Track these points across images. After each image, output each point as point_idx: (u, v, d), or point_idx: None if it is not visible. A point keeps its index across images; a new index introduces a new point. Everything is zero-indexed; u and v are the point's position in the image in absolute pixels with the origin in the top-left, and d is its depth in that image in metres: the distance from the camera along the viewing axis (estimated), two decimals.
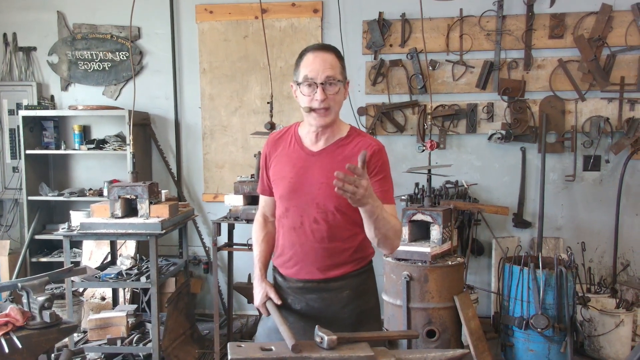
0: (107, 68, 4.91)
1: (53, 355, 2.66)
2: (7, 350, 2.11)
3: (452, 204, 3.90)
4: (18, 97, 4.92)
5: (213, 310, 3.84)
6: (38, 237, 4.75)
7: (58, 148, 4.82)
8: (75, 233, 3.59)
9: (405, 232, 3.47)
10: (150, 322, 3.64)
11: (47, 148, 4.84)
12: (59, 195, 4.71)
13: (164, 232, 3.56)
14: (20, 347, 2.14)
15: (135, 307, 4.02)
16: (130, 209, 3.69)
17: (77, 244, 4.61)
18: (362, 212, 1.76)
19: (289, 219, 2.02)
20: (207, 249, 4.87)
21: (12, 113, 4.93)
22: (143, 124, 4.78)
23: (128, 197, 3.63)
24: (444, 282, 3.29)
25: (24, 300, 2.34)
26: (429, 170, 3.84)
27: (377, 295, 2.14)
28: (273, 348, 1.65)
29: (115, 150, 4.66)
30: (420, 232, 3.54)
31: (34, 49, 4.98)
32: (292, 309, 2.05)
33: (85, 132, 4.90)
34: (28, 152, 4.67)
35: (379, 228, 1.80)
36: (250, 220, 3.68)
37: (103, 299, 4.42)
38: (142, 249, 4.42)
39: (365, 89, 4.59)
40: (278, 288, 2.09)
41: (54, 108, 4.92)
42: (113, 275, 3.67)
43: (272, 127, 3.89)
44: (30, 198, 4.70)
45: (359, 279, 2.04)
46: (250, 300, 4.36)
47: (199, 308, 4.92)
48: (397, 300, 3.33)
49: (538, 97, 4.42)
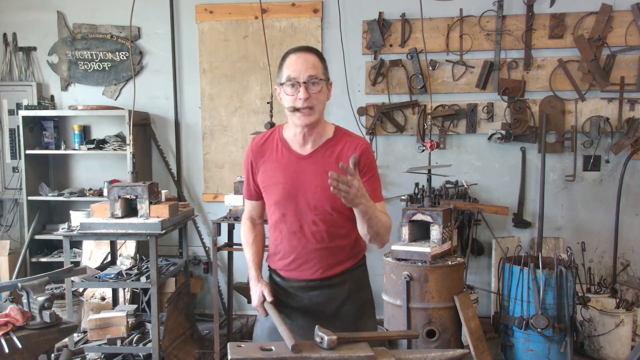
0: (107, 68, 4.91)
1: (53, 355, 2.66)
2: (7, 351, 2.11)
3: (452, 204, 3.90)
4: (18, 97, 4.92)
5: (213, 310, 3.84)
6: (38, 237, 4.75)
7: (58, 148, 4.82)
8: (75, 233, 3.59)
9: (405, 232, 3.47)
10: (150, 322, 3.64)
11: (47, 148, 4.84)
12: (59, 195, 4.71)
13: (164, 232, 3.56)
14: (20, 347, 2.14)
15: (135, 307, 4.01)
16: (130, 209, 3.69)
17: (77, 244, 4.61)
18: (355, 212, 1.81)
19: (287, 224, 2.03)
20: (207, 249, 4.87)
21: (12, 113, 4.93)
22: (143, 124, 4.78)
23: (128, 197, 3.63)
24: (444, 282, 3.29)
25: (24, 300, 2.34)
26: (429, 170, 3.85)
27: (371, 288, 2.19)
28: (273, 348, 1.65)
29: (115, 150, 4.66)
30: (420, 232, 3.55)
31: (34, 49, 4.98)
32: (294, 307, 2.07)
33: (85, 132, 4.90)
34: (28, 152, 4.67)
35: (372, 226, 1.85)
36: None
37: (103, 299, 4.42)
38: (142, 249, 4.42)
39: (365, 89, 4.59)
40: (277, 287, 2.10)
41: (54, 108, 4.92)
42: (113, 275, 3.67)
43: (272, 127, 3.88)
44: (30, 198, 4.70)
45: (358, 272, 2.09)
46: (250, 300, 4.36)
47: (199, 308, 4.92)
48: (397, 300, 3.33)
49: (538, 97, 4.42)
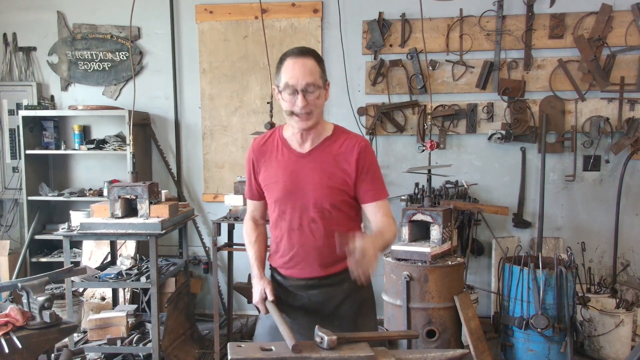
0: (107, 68, 4.91)
1: (53, 356, 2.66)
2: (7, 351, 2.11)
3: (452, 204, 3.90)
4: (18, 97, 4.92)
5: (213, 311, 3.84)
6: (38, 237, 4.75)
7: (58, 148, 4.82)
8: (75, 233, 3.59)
9: (405, 232, 3.47)
10: (150, 322, 3.64)
11: (47, 148, 4.84)
12: (59, 195, 4.71)
13: (164, 232, 3.56)
14: (20, 347, 2.14)
15: (135, 307, 4.02)
16: (130, 209, 3.69)
17: (77, 244, 4.61)
18: None
19: (287, 222, 2.05)
20: (207, 249, 4.87)
21: (12, 113, 4.93)
22: (143, 124, 4.78)
23: (128, 197, 3.63)
24: (444, 282, 3.29)
25: (24, 300, 2.34)
26: (429, 170, 3.85)
27: (372, 288, 2.18)
28: (273, 348, 1.65)
29: (115, 150, 4.66)
30: (420, 232, 3.54)
31: (34, 49, 4.98)
32: (294, 306, 2.09)
33: (85, 132, 4.90)
34: (28, 152, 4.67)
35: (385, 247, 2.00)
36: None
37: (103, 299, 4.42)
38: (142, 249, 4.42)
39: (365, 89, 4.59)
40: (278, 286, 2.11)
41: (54, 108, 4.92)
42: (113, 276, 3.67)
43: (272, 127, 3.89)
44: (30, 198, 4.70)
45: None
46: (250, 300, 4.35)
47: (199, 308, 4.92)
48: (397, 300, 3.33)
49: (538, 97, 4.42)
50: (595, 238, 4.45)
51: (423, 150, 4.05)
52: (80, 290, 4.28)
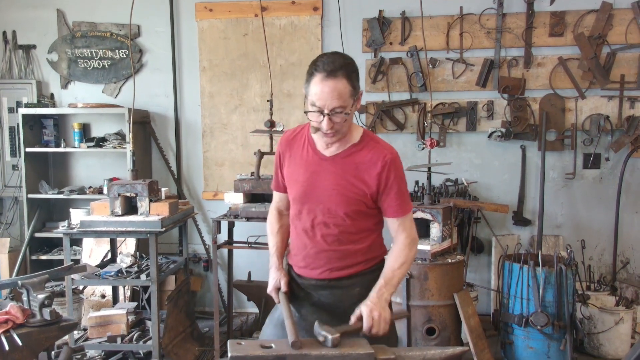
0: (106, 66, 4.91)
1: (53, 353, 2.67)
2: (7, 348, 2.11)
3: (452, 202, 3.90)
4: (18, 95, 4.92)
5: (213, 308, 3.85)
6: (38, 235, 4.76)
7: (58, 146, 4.81)
8: (75, 231, 3.59)
9: None
10: (150, 319, 3.64)
11: (46, 146, 4.84)
12: (59, 193, 4.71)
13: (164, 230, 3.57)
14: (21, 344, 2.15)
15: (135, 304, 4.02)
16: (130, 207, 3.70)
17: (77, 242, 4.61)
18: None
19: (301, 222, 2.06)
20: (207, 247, 4.88)
21: (11, 111, 4.93)
22: (143, 122, 4.78)
23: (128, 195, 3.63)
24: (444, 280, 3.30)
25: (24, 298, 2.35)
26: (429, 168, 3.84)
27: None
28: (273, 346, 1.65)
29: (115, 149, 4.66)
30: (420, 229, 3.52)
31: (34, 47, 4.97)
32: (304, 303, 2.09)
33: (85, 130, 4.90)
34: (28, 150, 4.67)
35: (398, 284, 2.03)
36: (250, 218, 3.69)
37: (103, 297, 4.42)
38: (142, 247, 4.42)
39: (365, 87, 4.59)
40: (292, 282, 2.12)
41: (54, 106, 4.92)
42: (113, 273, 3.67)
43: (272, 125, 3.88)
44: (30, 196, 4.70)
45: (370, 277, 2.04)
46: (250, 298, 4.37)
47: (199, 306, 4.92)
48: (397, 298, 3.33)
49: (538, 95, 4.42)
50: (595, 236, 4.45)
51: (423, 148, 4.04)
52: (81, 288, 4.28)
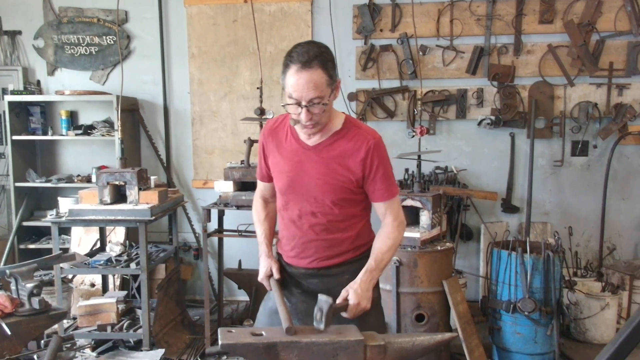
0: (94, 52, 4.84)
1: (43, 342, 2.66)
2: None
3: (441, 190, 3.91)
4: (3, 82, 4.85)
5: (203, 296, 3.85)
6: (26, 223, 4.72)
7: (45, 134, 4.76)
8: (64, 220, 3.56)
9: None
10: (141, 308, 3.64)
11: (34, 134, 4.79)
12: (47, 182, 4.67)
13: (154, 218, 3.55)
14: (9, 334, 2.14)
15: (125, 293, 4.01)
16: (119, 196, 3.67)
17: (65, 231, 4.58)
18: None
19: (289, 212, 2.06)
20: (197, 236, 4.87)
21: None
22: (131, 110, 4.73)
23: (117, 183, 3.60)
24: (433, 267, 3.32)
25: (13, 287, 2.34)
26: (419, 156, 3.85)
27: (378, 284, 2.16)
28: (264, 333, 1.66)
29: (104, 136, 4.62)
30: (410, 217, 3.55)
31: (19, 33, 4.89)
32: (294, 292, 2.11)
33: (73, 117, 4.84)
34: (14, 137, 4.61)
35: (385, 268, 2.02)
36: (241, 207, 3.68)
37: (92, 286, 4.41)
38: (131, 236, 4.40)
39: (356, 75, 4.57)
40: (282, 269, 2.13)
41: (41, 93, 4.85)
42: (102, 262, 3.66)
43: (262, 112, 3.86)
44: (18, 184, 4.66)
45: (359, 265, 2.06)
46: (241, 286, 4.38)
47: (190, 294, 4.92)
48: (386, 285, 3.35)
49: (527, 82, 4.43)
50: (583, 223, 4.50)
51: (413, 136, 4.04)
52: (70, 277, 4.26)
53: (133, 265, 3.62)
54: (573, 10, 4.32)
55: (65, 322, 3.75)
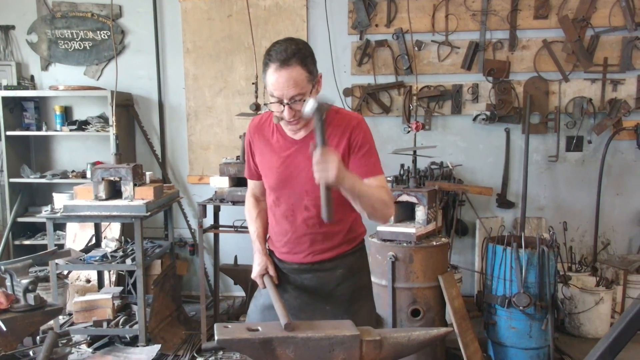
0: (88, 47, 4.81)
1: (38, 338, 2.66)
2: None
3: (437, 185, 3.92)
4: None
5: (199, 292, 3.85)
6: (21, 219, 4.70)
7: (39, 129, 4.74)
8: (59, 215, 3.55)
9: None
10: (136, 304, 3.64)
11: (27, 129, 4.76)
12: (41, 177, 4.65)
13: (149, 214, 3.55)
14: (5, 330, 2.13)
15: (121, 289, 4.01)
16: (115, 191, 3.66)
17: (60, 227, 4.56)
18: (343, 191, 1.78)
19: (280, 208, 2.05)
20: (192, 231, 4.86)
21: None
22: (126, 105, 4.71)
23: (112, 179, 3.60)
24: (429, 262, 3.33)
25: (8, 283, 2.33)
26: (414, 152, 3.85)
27: (369, 273, 2.19)
28: (260, 328, 1.66)
29: (98, 132, 4.60)
30: (406, 212, 3.57)
31: (12, 28, 4.86)
32: (287, 288, 2.10)
33: (67, 113, 4.82)
34: (8, 133, 4.59)
35: (364, 202, 1.84)
36: (236, 202, 3.68)
37: (88, 282, 4.40)
38: (127, 231, 4.40)
39: (351, 70, 4.56)
40: (274, 266, 2.12)
41: (34, 88, 4.82)
42: (98, 258, 3.65)
43: (257, 108, 3.86)
44: (12, 180, 4.64)
45: (352, 258, 2.07)
46: (237, 282, 4.38)
47: (185, 290, 4.92)
48: (382, 281, 3.36)
49: (522, 78, 4.43)
50: (577, 218, 4.52)
51: (409, 132, 4.05)
52: (65, 273, 4.25)
53: (129, 261, 3.62)
54: (568, 6, 4.32)
55: (61, 318, 3.75)
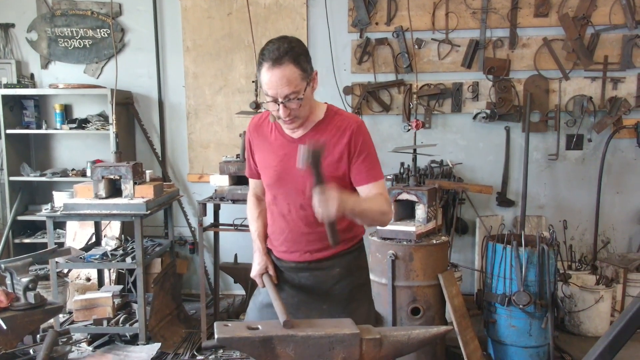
0: (88, 45, 4.81)
1: (39, 336, 2.66)
2: None
3: (437, 184, 3.92)
4: None
5: (199, 291, 3.85)
6: (20, 218, 4.70)
7: (39, 128, 4.73)
8: (59, 214, 3.55)
9: None
10: (137, 302, 3.64)
11: (27, 127, 4.76)
12: (41, 176, 4.65)
13: (149, 212, 3.55)
14: (5, 328, 2.14)
15: (121, 287, 4.01)
16: (115, 190, 3.67)
17: (60, 225, 4.57)
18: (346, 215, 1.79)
19: (278, 206, 2.06)
20: (192, 230, 4.86)
21: None
22: (126, 103, 4.71)
23: (112, 177, 3.60)
24: (429, 260, 3.33)
25: (8, 282, 2.33)
26: (415, 150, 3.85)
27: (367, 272, 2.19)
28: (260, 327, 1.66)
29: (98, 130, 4.59)
30: (406, 211, 3.57)
31: (12, 26, 4.85)
32: (285, 286, 2.10)
33: (67, 111, 4.81)
34: (8, 131, 4.59)
35: (364, 219, 1.90)
36: (236, 201, 3.68)
37: (88, 280, 4.40)
38: (127, 230, 4.39)
39: (351, 68, 4.56)
40: (272, 265, 2.13)
41: (34, 87, 4.82)
42: (98, 256, 3.65)
43: (257, 106, 3.85)
44: (12, 178, 4.63)
45: (350, 257, 2.08)
46: (237, 280, 4.38)
47: (186, 288, 4.92)
48: (382, 279, 3.36)
49: (523, 76, 4.43)
50: (577, 216, 4.52)
51: (409, 130, 4.04)
52: (65, 271, 4.25)
53: (129, 260, 3.62)
54: (568, 4, 4.32)
55: (61, 316, 3.75)
